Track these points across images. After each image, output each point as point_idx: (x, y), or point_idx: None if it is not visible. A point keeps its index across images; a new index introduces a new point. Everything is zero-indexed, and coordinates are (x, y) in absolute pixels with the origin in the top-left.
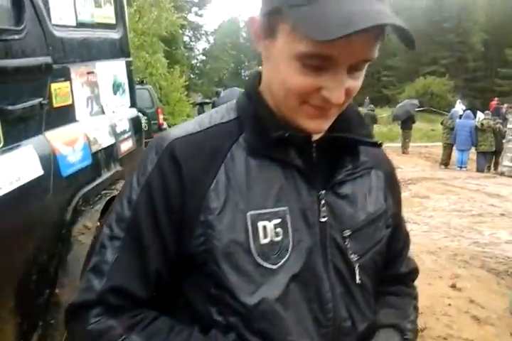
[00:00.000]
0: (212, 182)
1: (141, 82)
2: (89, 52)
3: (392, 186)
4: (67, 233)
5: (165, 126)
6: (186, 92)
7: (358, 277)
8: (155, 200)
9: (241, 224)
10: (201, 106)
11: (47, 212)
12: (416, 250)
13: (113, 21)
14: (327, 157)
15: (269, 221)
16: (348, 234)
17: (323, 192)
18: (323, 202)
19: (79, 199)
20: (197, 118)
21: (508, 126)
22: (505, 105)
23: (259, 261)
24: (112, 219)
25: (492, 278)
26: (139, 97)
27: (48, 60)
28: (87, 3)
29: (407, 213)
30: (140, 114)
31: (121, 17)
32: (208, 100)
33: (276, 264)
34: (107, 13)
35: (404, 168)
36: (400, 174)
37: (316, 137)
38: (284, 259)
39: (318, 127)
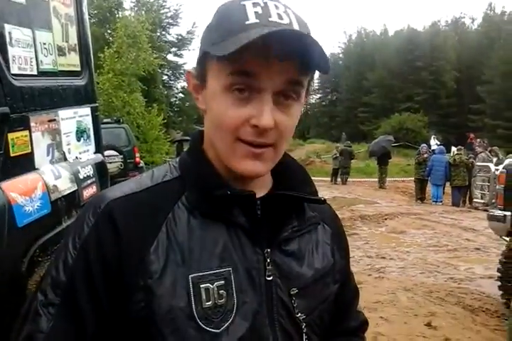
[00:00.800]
0: (152, 244)
1: (118, 121)
2: (51, 100)
3: (339, 241)
4: (22, 285)
5: (141, 164)
6: (165, 130)
7: (305, 337)
8: (91, 265)
9: (182, 287)
10: (180, 144)
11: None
12: (393, 287)
13: (78, 68)
14: (272, 214)
15: (212, 283)
16: (295, 292)
17: (269, 250)
18: (268, 260)
19: (36, 250)
20: (139, 177)
21: (477, 163)
22: (478, 140)
23: (202, 325)
24: (46, 284)
25: (467, 315)
26: (115, 136)
27: (5, 110)
28: (49, 52)
29: (384, 249)
30: (116, 153)
31: (87, 64)
32: (187, 137)
33: (219, 328)
34: (71, 61)
35: (382, 203)
36: (377, 209)
37: (260, 194)
38: (228, 322)
39: (253, 169)
